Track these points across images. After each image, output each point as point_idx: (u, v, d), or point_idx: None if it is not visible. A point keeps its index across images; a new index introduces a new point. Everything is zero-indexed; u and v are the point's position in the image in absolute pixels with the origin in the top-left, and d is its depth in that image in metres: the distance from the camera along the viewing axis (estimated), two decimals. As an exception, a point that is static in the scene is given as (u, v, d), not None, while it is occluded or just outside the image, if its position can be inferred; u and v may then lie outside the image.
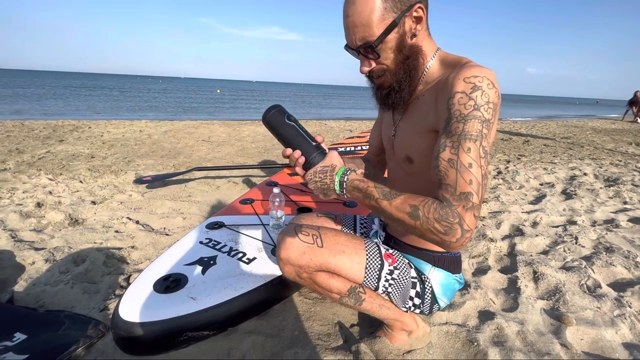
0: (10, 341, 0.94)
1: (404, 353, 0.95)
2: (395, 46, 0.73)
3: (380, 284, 0.84)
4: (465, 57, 0.76)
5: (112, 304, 1.15)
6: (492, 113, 0.67)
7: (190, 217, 1.95)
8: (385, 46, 0.73)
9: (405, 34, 0.73)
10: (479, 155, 0.65)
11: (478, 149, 0.65)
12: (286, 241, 0.82)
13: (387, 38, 0.71)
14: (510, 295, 1.27)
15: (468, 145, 0.65)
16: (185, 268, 1.08)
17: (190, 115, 10.58)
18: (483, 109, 0.66)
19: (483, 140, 0.66)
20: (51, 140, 4.22)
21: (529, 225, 1.95)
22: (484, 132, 0.66)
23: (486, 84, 0.67)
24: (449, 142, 0.67)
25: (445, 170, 0.66)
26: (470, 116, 0.66)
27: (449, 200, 0.64)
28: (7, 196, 2.18)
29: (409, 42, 0.74)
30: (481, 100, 0.66)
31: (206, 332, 0.93)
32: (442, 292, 0.87)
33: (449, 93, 0.69)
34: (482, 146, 0.66)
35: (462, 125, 0.66)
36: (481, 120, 0.66)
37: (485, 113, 0.66)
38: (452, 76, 0.69)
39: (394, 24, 0.70)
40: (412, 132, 0.81)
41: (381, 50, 0.73)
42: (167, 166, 3.21)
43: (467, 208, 0.63)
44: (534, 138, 5.97)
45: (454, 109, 0.67)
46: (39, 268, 1.36)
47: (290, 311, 1.13)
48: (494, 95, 0.67)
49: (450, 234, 0.63)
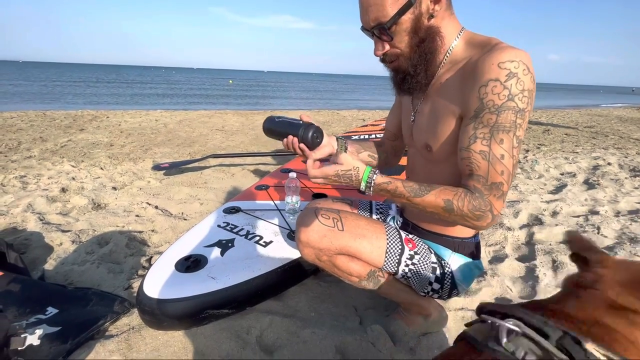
0: (44, 314, 1.00)
1: (420, 336, 0.95)
2: (410, 28, 0.69)
3: (400, 269, 0.84)
4: (495, 38, 0.71)
5: (135, 283, 1.20)
6: (528, 101, 0.65)
7: (207, 202, 1.99)
8: (400, 28, 0.69)
9: (422, 14, 0.69)
10: (512, 145, 0.65)
11: (511, 140, 0.65)
12: (306, 224, 0.82)
13: (401, 19, 0.68)
14: (528, 284, 1.26)
15: (501, 137, 0.65)
16: (204, 249, 1.11)
17: (203, 105, 10.69)
18: (517, 98, 0.64)
19: (517, 130, 0.65)
20: (72, 129, 4.35)
21: (549, 214, 1.91)
22: (518, 122, 0.65)
23: (522, 70, 0.63)
24: (480, 133, 0.66)
25: (477, 162, 0.67)
26: (504, 107, 0.64)
27: (480, 191, 0.67)
28: (33, 182, 2.27)
29: (425, 23, 0.70)
30: (516, 89, 0.63)
31: (225, 310, 0.96)
32: (461, 277, 0.87)
33: (481, 80, 0.65)
34: (515, 136, 0.65)
35: (495, 117, 0.64)
36: (515, 110, 0.64)
37: (519, 102, 0.64)
38: (483, 60, 0.65)
39: (409, 4, 0.67)
40: (432, 117, 0.77)
41: (395, 32, 0.70)
42: (183, 154, 3.27)
43: (497, 196, 0.67)
44: (554, 127, 5.76)
45: (487, 99, 0.64)
46: (67, 249, 1.42)
47: (306, 293, 1.15)
48: (529, 82, 0.64)
49: (482, 220, 0.68)
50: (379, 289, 0.87)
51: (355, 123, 5.75)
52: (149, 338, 0.92)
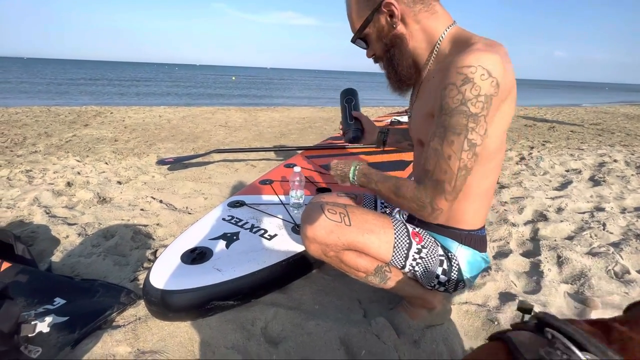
0: (52, 305, 1.01)
1: (424, 328, 0.96)
2: (376, 37, 0.80)
3: (407, 263, 0.83)
4: (476, 37, 0.73)
5: (141, 275, 1.21)
6: (483, 106, 0.66)
7: (211, 197, 2.00)
8: (371, 38, 0.81)
9: (383, 27, 0.78)
10: (462, 148, 0.68)
11: (462, 143, 0.67)
12: (312, 219, 0.82)
13: (366, 31, 0.80)
14: (533, 279, 1.25)
15: (451, 138, 0.68)
16: (210, 242, 1.12)
17: (206, 101, 10.70)
18: (470, 102, 0.66)
19: (469, 134, 0.67)
20: (76, 124, 4.38)
21: (554, 211, 1.89)
22: (470, 126, 0.67)
23: (479, 75, 0.65)
24: (437, 132, 0.70)
25: (429, 157, 0.72)
26: (456, 110, 0.67)
27: (425, 184, 0.73)
28: (39, 176, 2.29)
29: (390, 33, 0.78)
30: (470, 94, 0.66)
31: (231, 301, 0.97)
32: (468, 270, 0.86)
33: (444, 82, 0.69)
34: (467, 139, 0.67)
35: (448, 119, 0.68)
36: (467, 115, 0.66)
37: (472, 107, 0.66)
38: (450, 62, 0.69)
39: (367, 20, 0.78)
40: (421, 114, 0.81)
41: (369, 41, 0.82)
42: (187, 149, 3.28)
43: (438, 193, 0.71)
44: (560, 124, 5.71)
45: (444, 101, 0.69)
46: (73, 241, 1.44)
47: (311, 286, 1.16)
48: (487, 87, 0.65)
49: (423, 210, 0.74)
50: (385, 284, 0.88)
51: (358, 119, 5.74)
52: (155, 328, 0.93)
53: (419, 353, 0.89)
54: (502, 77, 0.66)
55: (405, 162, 2.03)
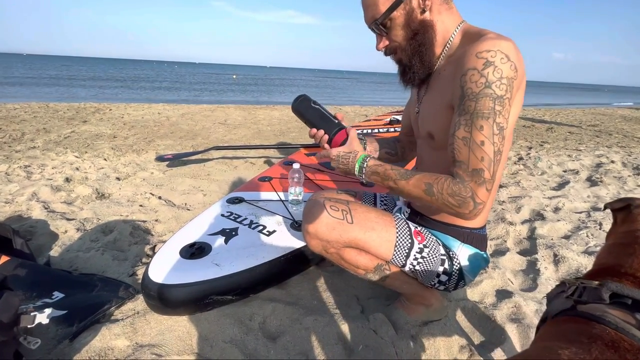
0: (50, 299, 1.01)
1: (421, 324, 0.96)
2: (403, 22, 0.75)
3: (407, 262, 0.83)
4: (487, 30, 0.74)
5: (139, 270, 1.21)
6: (507, 89, 0.66)
7: (210, 194, 2.00)
8: (394, 23, 0.75)
9: (414, 9, 0.74)
10: (492, 132, 0.66)
11: (491, 126, 0.66)
12: (314, 215, 0.81)
13: (393, 15, 0.74)
14: (529, 276, 1.26)
15: (480, 123, 0.66)
16: (208, 237, 1.12)
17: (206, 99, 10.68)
18: (495, 85, 0.66)
19: (497, 117, 0.66)
20: (75, 121, 4.36)
21: (551, 210, 1.91)
22: (497, 109, 0.66)
23: (499, 59, 0.66)
24: (463, 120, 0.68)
25: (459, 147, 0.69)
26: (481, 94, 0.66)
27: (462, 177, 0.69)
28: (37, 171, 2.29)
29: (418, 17, 0.74)
30: (493, 77, 0.66)
31: (229, 296, 0.97)
32: (469, 268, 0.87)
33: (462, 69, 0.69)
34: (495, 123, 0.66)
35: (474, 104, 0.67)
36: (493, 97, 0.66)
37: (497, 90, 0.66)
38: (467, 50, 0.69)
39: (398, 1, 0.73)
40: (433, 108, 0.81)
41: (391, 27, 0.76)
42: (186, 146, 3.28)
43: (479, 183, 0.67)
44: (558, 125, 5.73)
45: (466, 87, 0.68)
46: (72, 236, 1.43)
47: (309, 282, 1.16)
48: (508, 70, 0.66)
49: (464, 207, 0.68)
50: (384, 281, 0.88)
51: (357, 118, 5.74)
52: (154, 322, 0.93)
53: (416, 348, 0.90)
54: (518, 62, 0.67)
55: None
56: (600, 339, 0.37)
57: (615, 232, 0.58)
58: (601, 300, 0.43)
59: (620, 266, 0.48)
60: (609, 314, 0.40)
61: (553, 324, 0.48)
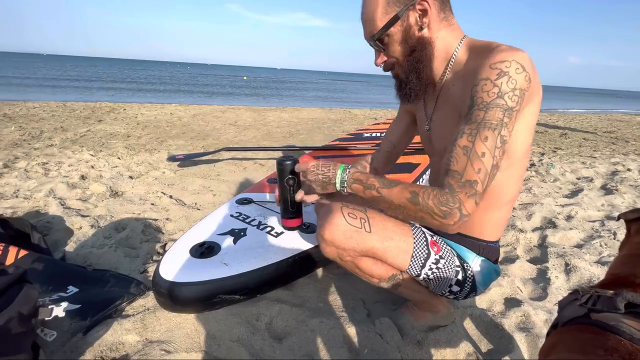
0: (65, 292, 1.04)
1: (427, 330, 0.96)
2: (401, 39, 0.75)
3: (422, 272, 0.81)
4: (495, 42, 0.73)
5: (150, 267, 1.24)
6: (518, 100, 0.65)
7: (220, 194, 2.03)
8: (392, 39, 0.76)
9: (411, 26, 0.74)
10: (495, 145, 0.65)
11: (495, 139, 0.65)
12: (331, 222, 0.77)
13: (390, 31, 0.74)
14: (539, 285, 1.24)
15: (486, 134, 0.65)
16: (217, 237, 1.14)
17: (217, 100, 10.82)
18: (507, 96, 0.64)
19: (502, 129, 0.65)
20: (91, 120, 4.48)
21: (563, 218, 1.87)
22: (505, 120, 0.65)
23: (514, 69, 0.65)
24: (468, 129, 0.67)
25: (457, 156, 0.66)
26: (492, 104, 0.65)
27: (452, 187, 0.66)
28: (55, 169, 2.36)
29: (416, 34, 0.75)
30: (506, 87, 0.64)
31: (237, 296, 0.99)
32: (482, 281, 0.85)
33: (474, 80, 0.68)
34: (500, 135, 0.65)
35: (483, 113, 0.65)
36: (504, 108, 0.65)
37: (509, 101, 0.65)
38: (479, 62, 0.69)
39: (396, 17, 0.73)
40: (448, 123, 0.79)
41: (388, 43, 0.76)
42: (197, 147, 3.33)
43: (469, 195, 0.65)
44: (572, 131, 5.61)
45: (477, 97, 0.67)
46: (86, 232, 1.48)
47: (315, 284, 1.17)
48: (522, 81, 0.65)
49: (449, 218, 0.66)
50: (395, 289, 0.87)
51: (366, 121, 5.74)
52: (163, 319, 0.95)
53: (422, 354, 0.90)
54: (532, 73, 0.66)
55: (412, 164, 2.03)
56: (616, 352, 0.37)
57: (629, 242, 0.57)
58: (616, 309, 0.42)
59: (635, 277, 0.47)
60: (624, 323, 0.39)
61: (565, 332, 0.47)
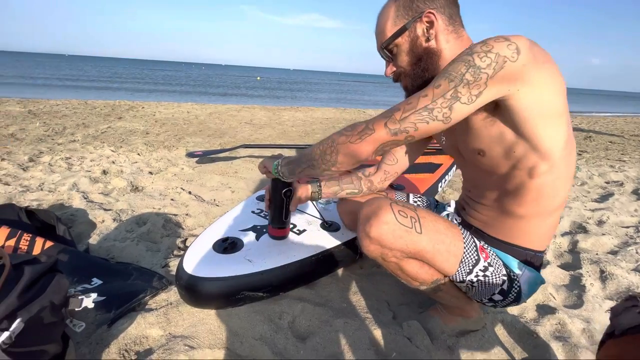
0: (89, 284, 1.05)
1: (458, 335, 0.92)
2: (408, 49, 0.76)
3: (467, 278, 0.77)
4: None
5: (171, 262, 1.24)
6: (492, 65, 0.59)
7: (238, 191, 2.02)
8: (400, 49, 0.77)
9: (418, 37, 0.75)
10: (443, 94, 0.61)
11: (447, 89, 0.61)
12: (380, 218, 0.71)
13: (398, 41, 0.76)
14: (574, 293, 1.18)
15: (439, 82, 0.62)
16: (240, 233, 1.13)
17: (232, 100, 10.95)
18: (477, 55, 0.60)
19: (460, 86, 0.60)
20: (111, 117, 4.59)
21: (594, 223, 1.78)
22: (467, 77, 0.59)
23: (496, 38, 0.61)
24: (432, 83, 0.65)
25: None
26: (458, 59, 0.62)
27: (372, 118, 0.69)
28: (77, 163, 2.41)
29: (423, 45, 0.75)
30: (479, 48, 0.61)
31: (260, 293, 0.97)
32: (527, 291, 0.80)
33: None
34: (456, 89, 0.61)
35: (447, 66, 0.63)
36: (468, 64, 0.60)
37: (477, 59, 0.60)
38: None
39: (403, 28, 0.75)
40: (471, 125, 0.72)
41: (397, 53, 0.78)
42: (214, 144, 3.36)
43: (382, 115, 0.68)
44: (597, 134, 5.40)
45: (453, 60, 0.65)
46: (108, 226, 1.49)
47: (338, 284, 1.14)
48: (503, 48, 0.59)
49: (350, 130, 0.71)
50: (434, 293, 0.83)
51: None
52: (186, 314, 0.94)
53: None
54: (526, 47, 0.59)
55: (435, 164, 1.98)
56: None
57: None
58: None
59: None
60: None
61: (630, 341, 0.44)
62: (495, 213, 0.80)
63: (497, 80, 0.60)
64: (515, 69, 0.59)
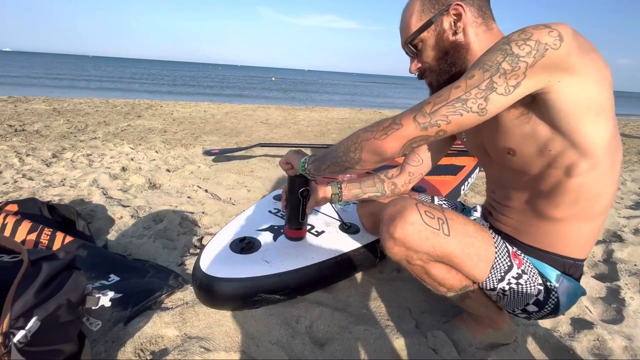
0: (107, 280, 1.05)
1: (487, 347, 0.86)
2: (434, 43, 0.73)
3: (499, 285, 0.71)
4: None
5: (187, 260, 1.22)
6: (533, 53, 0.54)
7: (254, 190, 2.01)
8: (425, 44, 0.73)
9: (445, 31, 0.71)
10: (477, 85, 0.57)
11: (482, 79, 0.56)
12: (405, 219, 0.67)
13: (424, 36, 0.72)
14: (612, 306, 1.09)
15: (473, 72, 0.58)
16: (257, 233, 1.10)
17: (247, 99, 11.05)
18: (514, 43, 0.55)
19: (496, 75, 0.55)
20: (130, 115, 4.69)
21: (630, 231, 1.67)
22: (504, 66, 0.55)
23: (536, 25, 0.55)
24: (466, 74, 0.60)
25: None
26: (494, 48, 0.58)
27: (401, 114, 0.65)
28: (98, 160, 2.46)
29: (450, 38, 0.71)
30: (516, 36, 0.56)
31: (277, 295, 0.94)
32: (566, 303, 0.73)
33: None
34: (491, 79, 0.56)
35: (482, 57, 0.59)
36: (505, 53, 0.55)
37: (515, 47, 0.55)
38: None
39: (429, 22, 0.71)
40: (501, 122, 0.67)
41: (422, 48, 0.74)
42: (230, 143, 3.37)
43: (411, 110, 0.64)
44: (627, 137, 5.14)
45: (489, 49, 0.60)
46: (126, 222, 1.50)
47: (357, 289, 1.10)
48: (544, 35, 0.54)
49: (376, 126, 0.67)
50: (462, 300, 0.77)
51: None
52: (202, 315, 0.92)
53: (482, 375, 0.80)
54: (569, 35, 0.54)
55: (457, 166, 1.91)
56: None
57: None
58: None
59: None
60: None
61: None
62: (527, 217, 0.73)
63: (537, 69, 0.55)
64: (558, 57, 0.54)
